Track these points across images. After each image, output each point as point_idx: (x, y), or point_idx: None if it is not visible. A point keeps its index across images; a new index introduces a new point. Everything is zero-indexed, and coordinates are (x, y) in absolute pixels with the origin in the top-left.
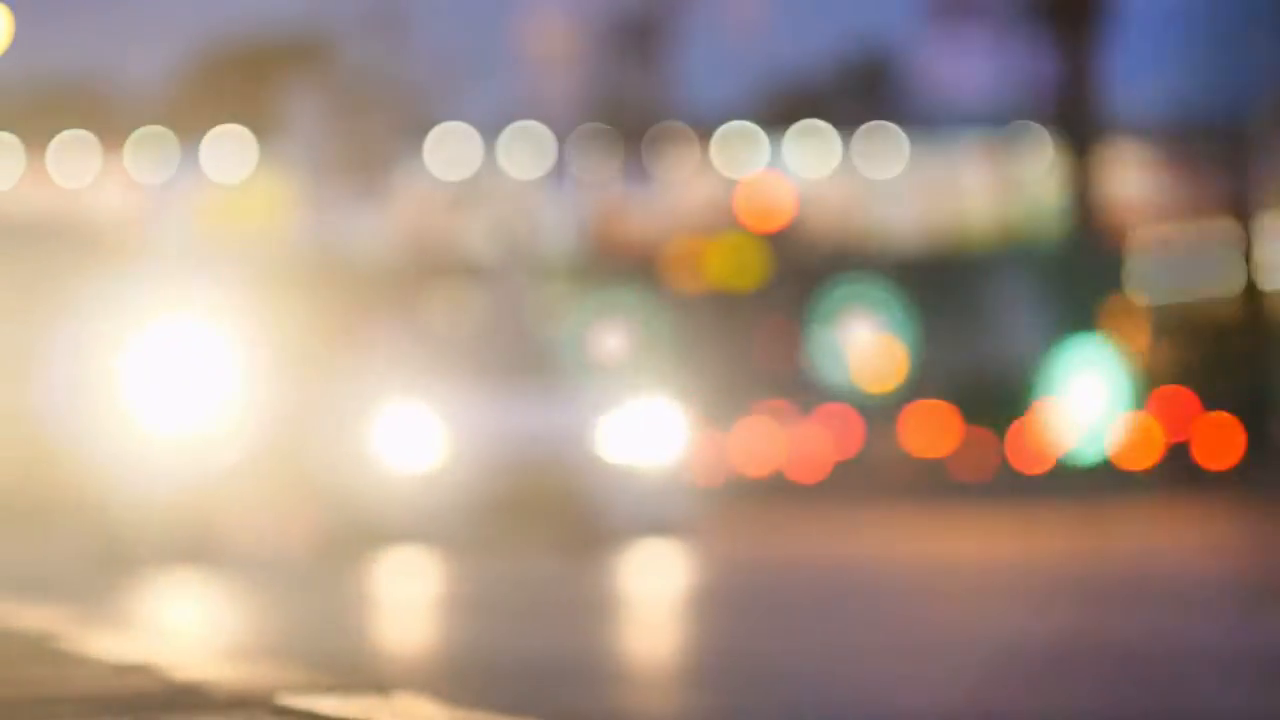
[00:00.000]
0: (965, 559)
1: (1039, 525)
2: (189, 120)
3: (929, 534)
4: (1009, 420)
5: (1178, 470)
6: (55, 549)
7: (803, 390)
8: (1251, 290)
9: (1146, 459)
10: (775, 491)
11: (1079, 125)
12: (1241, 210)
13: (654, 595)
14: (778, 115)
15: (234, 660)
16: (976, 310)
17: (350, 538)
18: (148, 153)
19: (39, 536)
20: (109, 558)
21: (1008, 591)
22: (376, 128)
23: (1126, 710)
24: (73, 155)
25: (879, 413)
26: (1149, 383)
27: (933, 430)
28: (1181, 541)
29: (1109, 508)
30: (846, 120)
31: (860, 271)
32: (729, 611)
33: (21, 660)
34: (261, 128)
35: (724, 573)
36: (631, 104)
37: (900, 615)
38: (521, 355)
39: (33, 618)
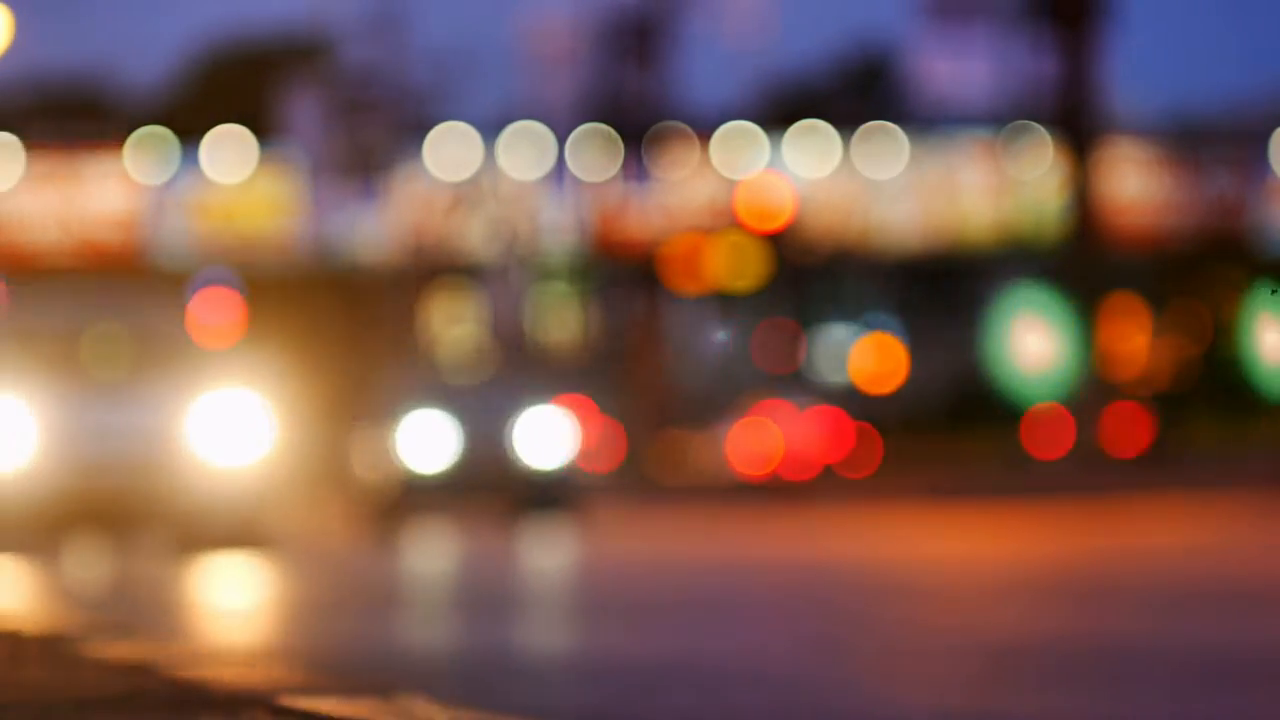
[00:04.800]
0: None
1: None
2: (189, 120)
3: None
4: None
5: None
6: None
7: (801, 390)
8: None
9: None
10: (772, 492)
11: (1079, 125)
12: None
13: (618, 593)
14: (777, 115)
15: (234, 660)
16: (975, 310)
17: None
18: (148, 153)
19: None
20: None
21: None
22: (376, 128)
23: (1129, 712)
24: (74, 155)
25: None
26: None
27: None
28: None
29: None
30: (846, 120)
31: (859, 272)
32: (712, 611)
33: (22, 660)
34: (261, 128)
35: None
36: (631, 104)
37: (894, 615)
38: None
39: (33, 618)
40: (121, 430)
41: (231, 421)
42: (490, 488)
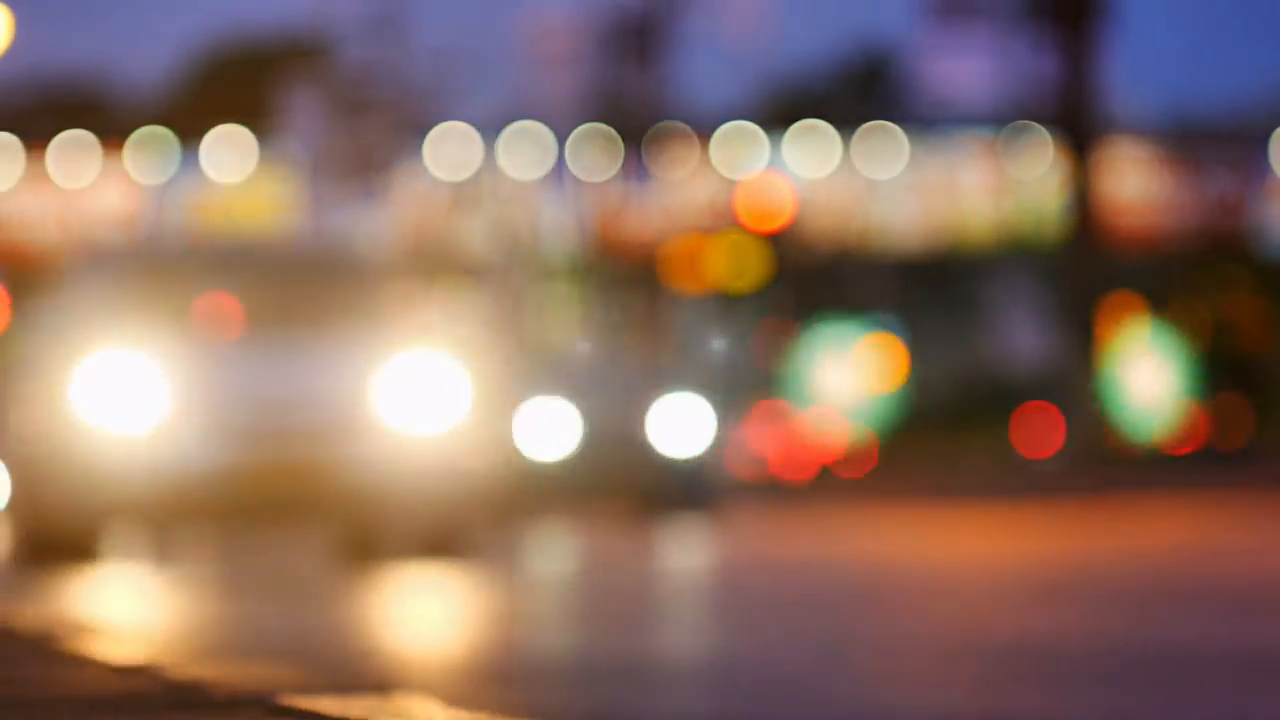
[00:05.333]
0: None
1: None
2: (189, 120)
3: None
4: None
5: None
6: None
7: (799, 391)
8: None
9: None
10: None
11: (1079, 125)
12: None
13: (651, 593)
14: (778, 115)
15: (234, 660)
16: (976, 309)
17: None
18: (148, 153)
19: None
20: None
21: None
22: (376, 128)
23: (1134, 713)
24: (73, 155)
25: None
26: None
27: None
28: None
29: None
30: (846, 120)
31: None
32: (725, 611)
33: (22, 660)
34: (261, 128)
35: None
36: (631, 104)
37: (906, 615)
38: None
39: (33, 618)
40: (286, 395)
41: (426, 388)
42: (619, 481)
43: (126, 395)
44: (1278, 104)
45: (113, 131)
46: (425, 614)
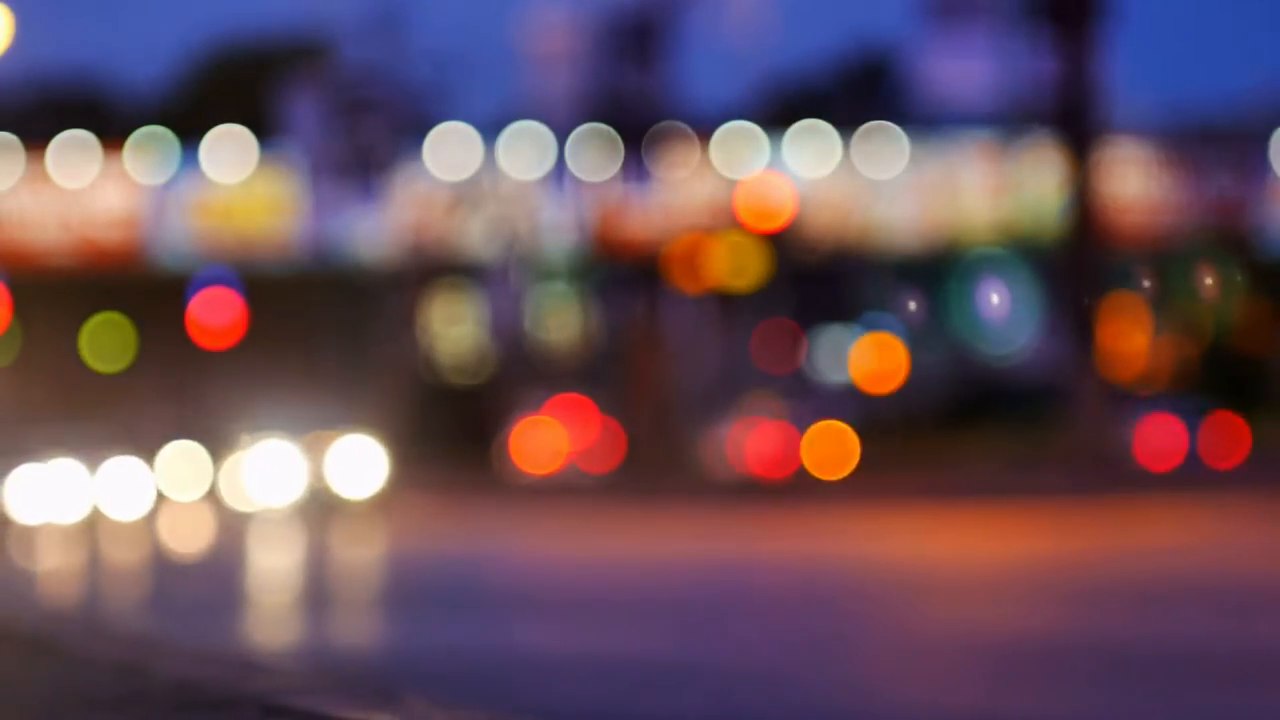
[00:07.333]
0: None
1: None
2: (189, 120)
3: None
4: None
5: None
6: None
7: (802, 390)
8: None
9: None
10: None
11: (1079, 125)
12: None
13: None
14: (778, 115)
15: (234, 660)
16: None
17: None
18: (148, 153)
19: None
20: None
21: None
22: (376, 128)
23: (1118, 711)
24: (73, 155)
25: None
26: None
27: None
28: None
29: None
30: (846, 120)
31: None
32: (718, 611)
33: (25, 661)
34: (261, 128)
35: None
36: (631, 104)
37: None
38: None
39: (33, 618)
40: None
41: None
42: None
43: None
44: (1278, 104)
45: (113, 131)
46: None
